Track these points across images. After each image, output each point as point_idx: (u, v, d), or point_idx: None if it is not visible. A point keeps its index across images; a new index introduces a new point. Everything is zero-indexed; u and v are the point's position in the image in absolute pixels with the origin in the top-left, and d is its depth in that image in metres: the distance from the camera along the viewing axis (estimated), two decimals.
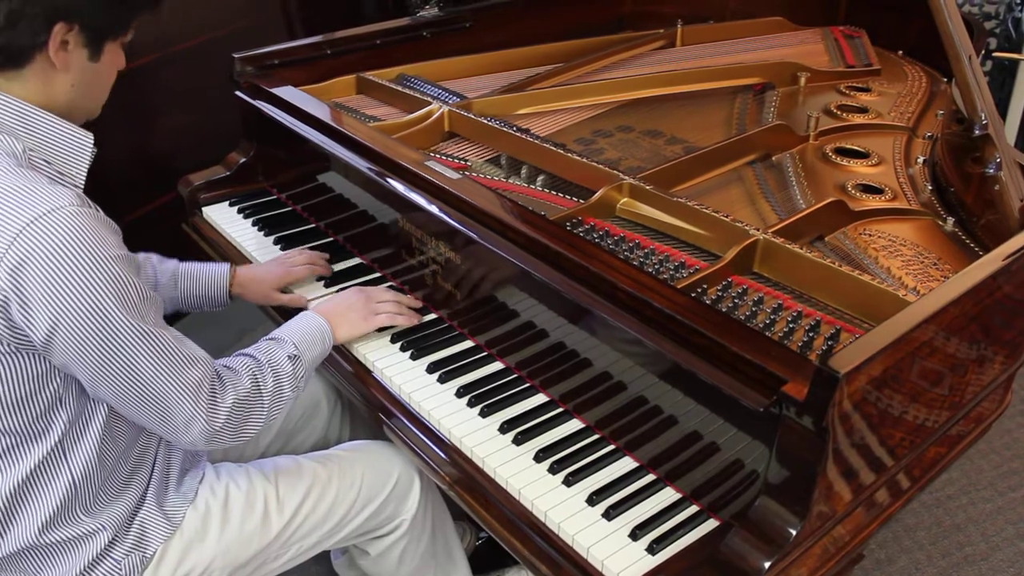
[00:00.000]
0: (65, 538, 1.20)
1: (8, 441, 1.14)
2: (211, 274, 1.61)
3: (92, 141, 1.19)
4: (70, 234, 1.03)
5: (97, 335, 1.07)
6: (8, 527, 1.18)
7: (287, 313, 1.60)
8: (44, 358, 1.10)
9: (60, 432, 1.16)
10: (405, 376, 1.42)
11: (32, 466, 1.16)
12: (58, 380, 1.13)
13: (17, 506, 1.17)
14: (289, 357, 1.30)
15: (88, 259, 1.04)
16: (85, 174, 1.18)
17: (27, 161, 1.10)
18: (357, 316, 1.46)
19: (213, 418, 1.17)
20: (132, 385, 1.11)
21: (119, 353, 1.09)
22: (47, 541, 1.19)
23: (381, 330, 1.50)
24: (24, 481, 1.16)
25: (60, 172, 1.15)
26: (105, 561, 1.23)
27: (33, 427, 1.14)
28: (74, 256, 1.03)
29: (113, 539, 1.24)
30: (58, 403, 1.15)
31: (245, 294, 1.63)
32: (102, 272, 1.05)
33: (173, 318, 1.44)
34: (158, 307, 1.15)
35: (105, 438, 1.20)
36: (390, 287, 1.62)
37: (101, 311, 1.06)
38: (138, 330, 1.09)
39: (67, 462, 1.18)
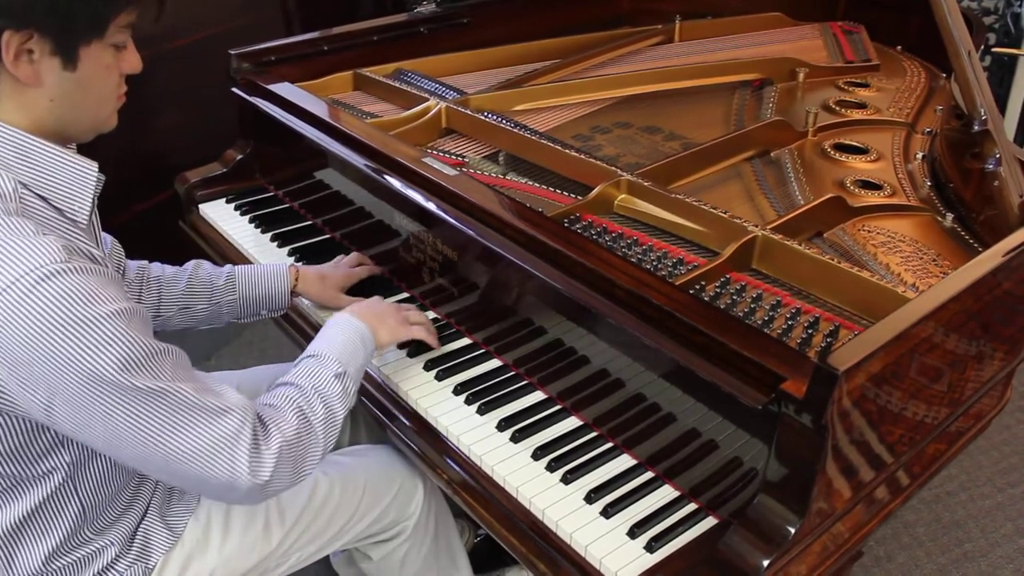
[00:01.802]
0: (73, 560, 1.17)
1: (7, 483, 1.08)
2: (271, 272, 1.54)
3: (96, 170, 1.08)
4: (51, 299, 0.92)
5: (101, 403, 0.96)
6: (12, 559, 1.13)
7: (291, 320, 1.60)
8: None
9: (65, 471, 1.10)
10: (403, 374, 1.42)
11: (39, 500, 1.10)
12: (52, 431, 1.06)
13: (24, 537, 1.13)
14: (336, 376, 1.20)
15: (75, 323, 0.93)
16: (89, 207, 1.07)
17: (18, 201, 0.98)
18: (394, 322, 1.38)
19: (259, 469, 1.05)
20: (153, 449, 1.00)
21: (131, 420, 0.98)
22: (56, 565, 1.16)
23: None
24: (31, 513, 1.11)
25: (58, 209, 1.04)
26: (108, 574, 1.21)
27: (32, 470, 1.08)
28: (58, 323, 0.92)
29: (118, 553, 1.21)
30: (58, 447, 1.08)
31: (310, 292, 1.55)
32: (94, 335, 0.94)
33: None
34: (176, 359, 1.04)
35: (116, 465, 1.16)
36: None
37: (99, 377, 0.95)
38: (148, 390, 0.98)
39: (76, 493, 1.13)
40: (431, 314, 1.56)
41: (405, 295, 1.63)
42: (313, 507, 1.37)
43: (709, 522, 1.15)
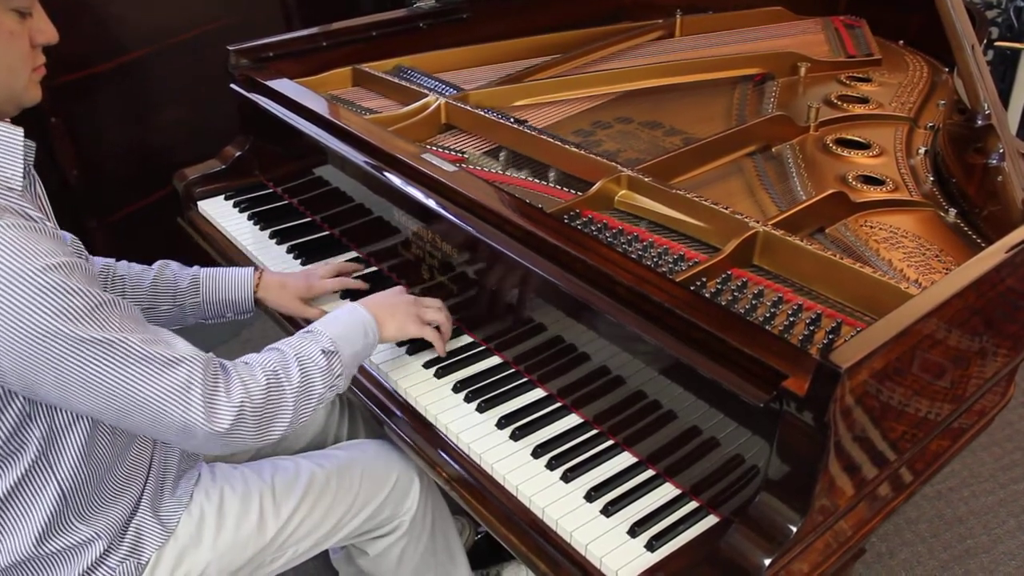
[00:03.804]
0: (61, 547, 1.18)
1: None
2: (234, 277, 1.53)
3: (21, 135, 1.08)
4: None
5: (47, 355, 0.98)
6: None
7: (292, 320, 1.59)
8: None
9: (37, 446, 1.11)
10: (402, 371, 1.41)
11: (15, 480, 1.12)
12: (21, 399, 1.07)
13: (5, 518, 1.14)
14: (323, 351, 1.20)
15: (11, 280, 0.95)
16: (21, 172, 1.07)
17: None
18: (405, 315, 1.36)
19: (215, 419, 1.06)
20: (106, 399, 1.02)
21: (77, 369, 1.00)
22: (45, 551, 1.16)
23: None
24: (8, 494, 1.12)
25: None
26: (100, 569, 1.21)
27: (5, 447, 1.09)
28: None
29: (108, 547, 1.21)
30: (27, 420, 1.09)
31: (268, 299, 1.54)
32: (32, 289, 0.96)
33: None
34: (124, 311, 1.05)
35: (94, 443, 1.16)
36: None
37: (42, 329, 0.96)
38: (92, 339, 0.99)
39: (53, 472, 1.14)
40: None
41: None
42: (309, 500, 1.37)
43: (710, 520, 1.14)
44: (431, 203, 1.46)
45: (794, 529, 1.00)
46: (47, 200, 1.20)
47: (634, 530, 1.12)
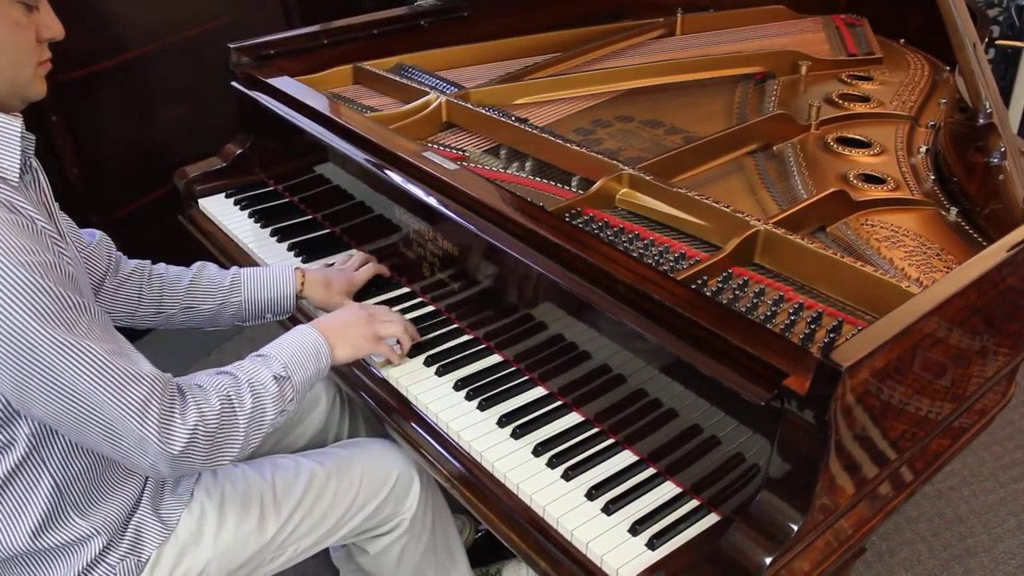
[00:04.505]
0: (59, 543, 1.18)
1: None
2: (277, 275, 1.52)
3: (19, 127, 1.09)
4: None
5: (8, 352, 0.98)
6: None
7: (294, 319, 1.59)
8: None
9: (27, 442, 1.11)
10: (402, 369, 1.41)
11: (8, 470, 1.11)
12: (3, 397, 1.07)
13: (3, 510, 1.14)
14: (275, 377, 1.19)
15: None
16: (18, 165, 1.07)
17: None
18: (359, 336, 1.35)
19: (169, 441, 1.05)
20: (63, 405, 1.01)
21: (38, 369, 0.99)
22: (42, 546, 1.16)
23: None
24: (2, 485, 1.12)
25: None
26: (100, 566, 1.21)
27: None
28: None
29: (108, 544, 1.21)
30: (14, 415, 1.09)
31: (315, 297, 1.53)
32: (3, 282, 0.96)
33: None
34: (95, 318, 1.05)
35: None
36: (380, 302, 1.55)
37: (9, 324, 0.97)
38: (57, 342, 0.99)
39: (45, 464, 1.13)
40: (431, 308, 1.55)
41: (406, 290, 1.62)
42: (309, 499, 1.37)
43: (711, 519, 1.15)
44: (432, 201, 1.46)
45: (795, 528, 1.00)
46: (51, 193, 1.21)
47: (635, 528, 1.12)
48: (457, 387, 1.37)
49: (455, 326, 1.50)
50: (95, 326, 1.04)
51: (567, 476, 1.20)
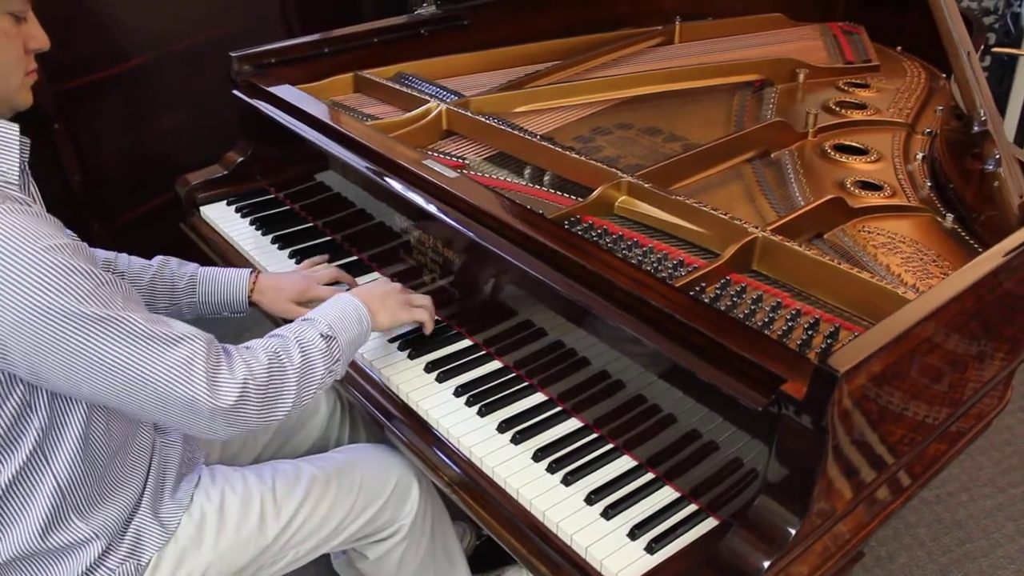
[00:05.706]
0: (59, 545, 1.18)
1: None
2: (230, 278, 1.54)
3: (16, 131, 1.11)
4: None
5: (52, 334, 1.00)
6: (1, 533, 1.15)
7: None
8: (3, 371, 1.05)
9: (35, 439, 1.11)
10: (403, 375, 1.42)
11: (13, 473, 1.12)
12: (21, 388, 1.08)
13: (4, 511, 1.14)
14: (322, 335, 1.23)
15: (15, 260, 0.98)
16: (17, 168, 1.10)
17: None
18: (395, 303, 1.39)
19: (220, 395, 1.08)
20: (110, 378, 1.04)
21: (83, 347, 1.01)
22: (42, 548, 1.17)
23: None
24: (6, 487, 1.13)
25: None
26: (99, 570, 1.21)
27: (4, 437, 1.10)
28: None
29: (107, 547, 1.22)
30: (28, 410, 1.10)
31: (263, 302, 1.55)
32: (36, 268, 0.98)
33: None
34: (127, 293, 1.08)
35: (89, 438, 1.16)
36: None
37: (46, 308, 0.99)
38: (96, 317, 1.01)
39: (49, 466, 1.14)
40: None
41: None
42: (309, 503, 1.38)
43: (710, 523, 1.15)
44: (432, 209, 1.47)
45: (793, 532, 1.01)
46: (41, 200, 1.22)
47: (634, 533, 1.13)
48: (457, 393, 1.38)
49: (455, 332, 1.51)
50: (128, 300, 1.07)
51: (567, 481, 1.21)
